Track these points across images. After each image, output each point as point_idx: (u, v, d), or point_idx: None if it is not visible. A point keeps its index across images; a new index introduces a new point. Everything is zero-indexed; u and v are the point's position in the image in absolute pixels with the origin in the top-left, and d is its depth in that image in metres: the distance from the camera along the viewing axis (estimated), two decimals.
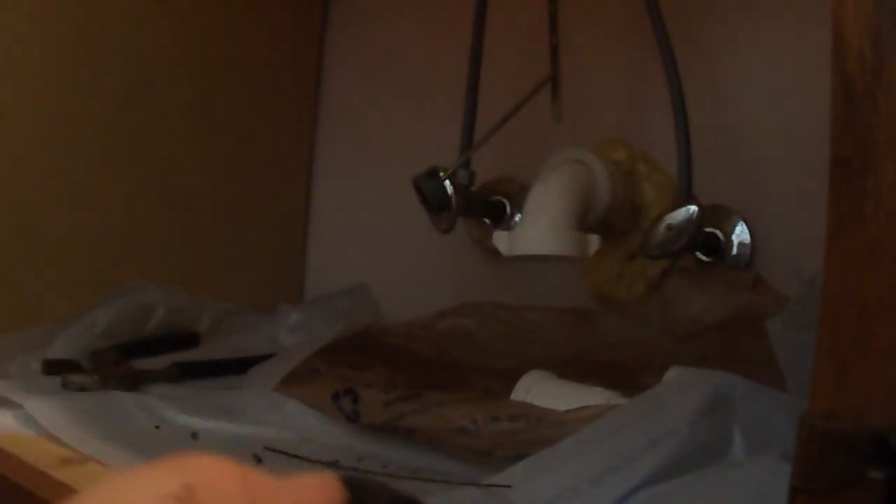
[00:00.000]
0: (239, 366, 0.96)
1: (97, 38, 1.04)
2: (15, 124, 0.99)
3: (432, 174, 0.95)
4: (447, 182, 0.94)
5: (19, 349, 0.94)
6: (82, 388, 0.85)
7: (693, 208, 0.85)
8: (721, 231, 0.92)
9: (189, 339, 1.06)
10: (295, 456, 0.71)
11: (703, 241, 0.91)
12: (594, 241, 0.86)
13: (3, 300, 0.98)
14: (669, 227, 0.85)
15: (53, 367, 0.90)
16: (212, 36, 1.15)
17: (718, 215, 0.92)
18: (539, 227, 0.84)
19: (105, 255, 1.07)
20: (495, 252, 0.90)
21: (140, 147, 1.09)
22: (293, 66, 1.26)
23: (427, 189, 0.94)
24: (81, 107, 1.04)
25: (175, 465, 0.18)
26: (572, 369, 0.83)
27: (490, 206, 1.05)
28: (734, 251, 0.92)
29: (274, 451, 0.72)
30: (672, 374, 0.72)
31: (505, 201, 1.05)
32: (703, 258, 0.93)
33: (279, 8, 1.23)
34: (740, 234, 0.92)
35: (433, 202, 0.94)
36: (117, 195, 1.08)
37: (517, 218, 1.03)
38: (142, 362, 0.95)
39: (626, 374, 0.85)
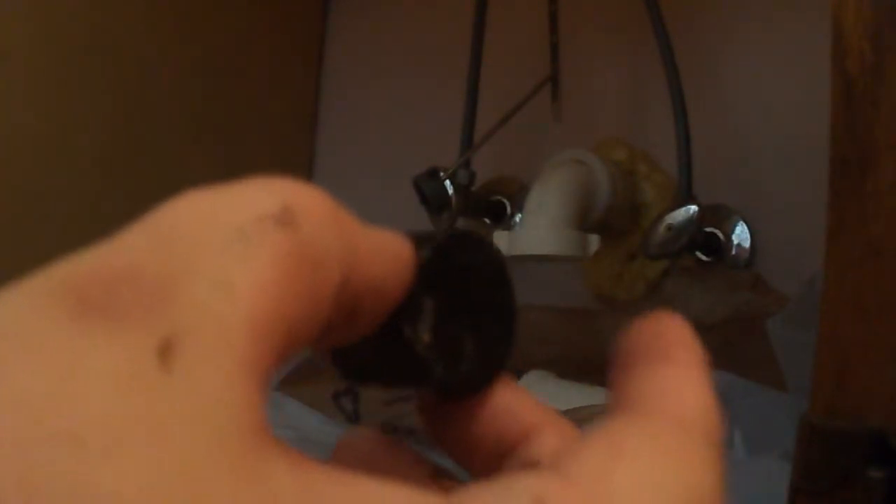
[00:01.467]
0: None
1: (97, 38, 1.04)
2: (16, 125, 0.99)
3: (432, 174, 0.95)
4: (447, 182, 0.94)
5: None
6: None
7: (693, 208, 0.85)
8: (721, 231, 0.92)
9: None
10: None
11: (703, 241, 0.91)
12: (594, 241, 0.86)
13: None
14: (669, 227, 0.85)
15: None
16: (212, 35, 1.15)
17: (718, 215, 0.92)
18: (539, 228, 0.84)
19: None
20: None
21: (140, 147, 1.10)
22: (293, 65, 1.26)
23: (427, 189, 0.94)
24: (81, 106, 1.04)
25: (272, 186, 0.16)
26: (572, 369, 0.83)
27: (490, 206, 1.05)
28: (734, 251, 0.92)
29: None
30: None
31: (505, 201, 1.05)
32: (703, 258, 0.93)
33: (279, 7, 1.23)
34: (740, 234, 0.92)
35: (433, 202, 0.94)
36: (117, 196, 1.08)
37: (517, 218, 1.03)
38: None
39: None
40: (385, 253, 0.19)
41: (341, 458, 0.24)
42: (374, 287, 0.19)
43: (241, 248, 0.15)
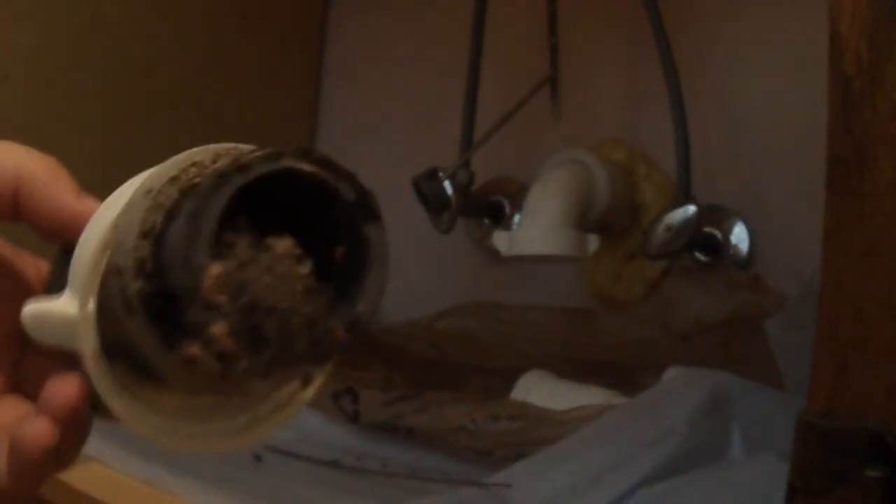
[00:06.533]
0: None
1: (97, 37, 1.04)
2: (15, 123, 0.99)
3: (432, 174, 0.95)
4: (447, 182, 0.94)
5: None
6: None
7: (692, 208, 0.85)
8: (720, 231, 0.92)
9: None
10: (295, 456, 0.71)
11: (702, 242, 0.91)
12: (594, 241, 0.86)
13: None
14: (668, 228, 0.85)
15: None
16: (213, 35, 1.15)
17: (717, 215, 0.92)
18: (539, 227, 0.84)
19: None
20: (495, 252, 0.90)
21: (140, 147, 1.10)
22: (293, 64, 1.26)
23: (427, 189, 0.94)
24: (82, 104, 1.04)
25: None
26: (572, 369, 0.83)
27: (490, 206, 1.05)
28: (732, 251, 0.92)
29: (274, 450, 0.72)
30: (671, 374, 0.72)
31: (504, 201, 1.05)
32: (702, 258, 0.93)
33: (280, 7, 1.23)
34: (739, 234, 0.92)
35: (433, 202, 0.94)
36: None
37: (517, 218, 1.03)
38: None
39: (625, 374, 0.85)
40: None
41: None
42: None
43: None
